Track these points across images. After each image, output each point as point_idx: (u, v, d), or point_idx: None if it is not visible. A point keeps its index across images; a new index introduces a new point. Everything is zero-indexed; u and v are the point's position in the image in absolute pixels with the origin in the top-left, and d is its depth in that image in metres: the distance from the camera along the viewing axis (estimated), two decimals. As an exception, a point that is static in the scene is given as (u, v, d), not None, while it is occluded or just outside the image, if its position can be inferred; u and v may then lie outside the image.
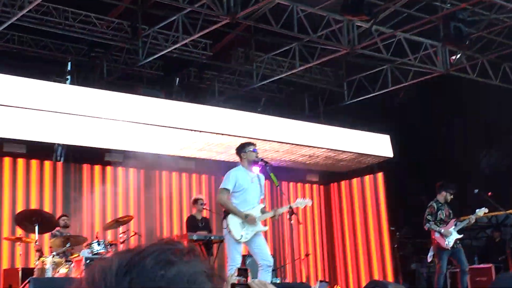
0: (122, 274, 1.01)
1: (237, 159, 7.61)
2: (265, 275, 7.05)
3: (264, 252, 7.16)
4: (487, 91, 12.22)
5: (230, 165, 7.99)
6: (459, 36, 10.31)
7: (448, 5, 10.24)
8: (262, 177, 7.39)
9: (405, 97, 13.34)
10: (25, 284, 5.52)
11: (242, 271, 2.82)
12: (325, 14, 10.37)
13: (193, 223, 9.78)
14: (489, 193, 10.00)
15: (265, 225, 7.36)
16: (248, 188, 7.18)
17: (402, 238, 12.48)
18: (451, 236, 9.01)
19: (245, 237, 7.05)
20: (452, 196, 9.23)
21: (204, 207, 9.95)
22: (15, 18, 9.27)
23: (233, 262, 7.02)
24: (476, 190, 9.86)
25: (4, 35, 10.58)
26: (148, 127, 10.46)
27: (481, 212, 9.14)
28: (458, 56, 11.87)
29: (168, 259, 1.03)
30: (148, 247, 1.06)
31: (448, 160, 12.36)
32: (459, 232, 9.12)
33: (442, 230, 9.00)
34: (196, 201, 9.99)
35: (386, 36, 11.05)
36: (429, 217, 9.12)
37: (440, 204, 9.21)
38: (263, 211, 7.26)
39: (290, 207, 7.32)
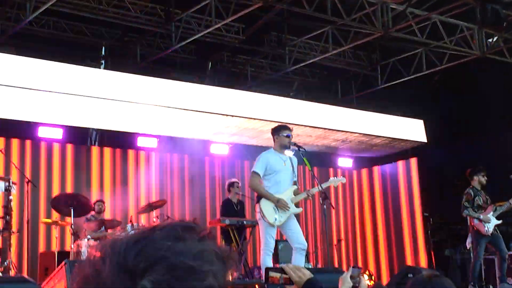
0: (131, 243, 1.04)
1: (270, 143, 7.59)
2: (299, 259, 7.04)
3: (298, 236, 7.13)
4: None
5: (263, 150, 7.97)
6: (497, 18, 10.10)
7: (486, -14, 10.03)
8: (295, 159, 7.34)
9: (440, 81, 13.15)
10: (61, 266, 5.59)
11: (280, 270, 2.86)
12: (359, -3, 10.25)
13: (229, 207, 9.81)
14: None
15: (298, 207, 7.33)
16: (280, 170, 7.15)
17: (435, 224, 12.35)
18: (490, 222, 8.89)
19: (279, 221, 7.03)
20: (485, 178, 9.09)
21: (240, 193, 9.97)
22: (50, 3, 9.33)
23: (267, 247, 7.02)
24: (512, 176, 9.69)
25: (39, 20, 10.68)
26: (181, 112, 10.49)
27: (519, 196, 9.00)
28: (495, 38, 11.64)
29: (178, 235, 1.05)
30: (160, 224, 1.09)
31: (483, 145, 12.17)
32: (498, 218, 8.98)
33: (481, 216, 8.88)
34: (232, 184, 10.00)
35: (420, 18, 10.88)
36: (466, 204, 9.00)
37: (476, 190, 9.09)
38: (296, 192, 7.22)
39: (321, 189, 7.24)
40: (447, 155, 12.69)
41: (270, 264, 7.01)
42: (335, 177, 7.87)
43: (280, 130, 7.28)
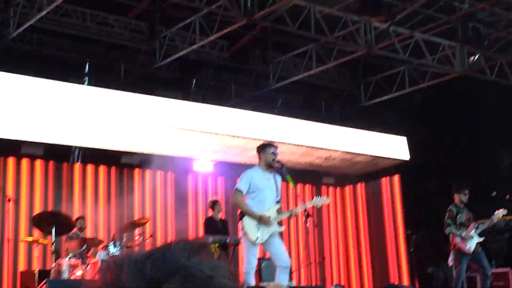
0: (146, 255, 1.04)
1: (254, 161, 7.57)
2: (282, 277, 7.00)
3: (281, 254, 7.10)
4: (505, 92, 12.10)
5: (247, 167, 7.96)
6: (478, 36, 10.22)
7: (467, 5, 10.15)
8: (279, 178, 7.32)
9: (422, 99, 13.24)
10: (42, 285, 5.52)
11: None
12: (343, 15, 10.32)
13: (211, 225, 9.76)
14: (507, 196, 9.88)
15: (281, 225, 7.29)
16: (263, 188, 7.12)
17: (418, 242, 12.37)
18: (472, 240, 8.91)
19: (261, 239, 6.99)
20: (467, 196, 9.12)
21: (221, 209, 9.93)
22: (34, 20, 9.31)
23: (249, 265, 6.97)
24: (494, 193, 9.74)
25: (22, 36, 10.63)
26: (164, 129, 10.46)
27: (500, 214, 9.03)
28: (477, 57, 11.76)
29: (194, 249, 1.06)
30: (174, 240, 1.09)
31: (466, 163, 12.25)
32: (480, 234, 9.01)
33: (464, 234, 8.90)
34: (215, 202, 9.96)
35: (403, 37, 10.98)
36: (449, 221, 9.02)
37: (459, 208, 9.12)
38: (279, 211, 7.20)
39: (304, 208, 7.24)
40: (430, 172, 12.76)
41: (252, 282, 6.96)
42: (319, 197, 7.84)
43: (265, 148, 7.26)
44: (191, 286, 1.00)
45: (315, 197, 7.97)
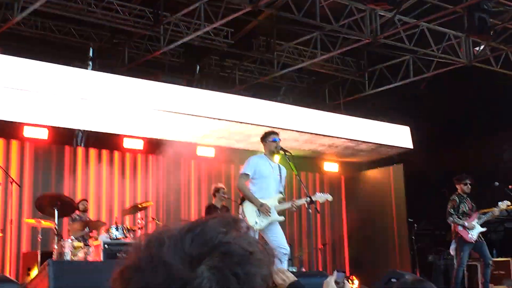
0: (185, 231, 1.03)
1: (256, 147, 7.60)
2: (283, 264, 7.04)
3: (280, 240, 7.14)
4: (510, 83, 12.07)
5: (249, 154, 7.98)
6: (483, 27, 10.19)
7: (473, -5, 10.12)
8: (284, 169, 7.35)
9: (426, 88, 13.23)
10: (44, 266, 5.57)
11: None
12: (348, 3, 10.30)
13: (213, 212, 9.78)
14: (510, 186, 9.89)
15: (281, 215, 7.32)
16: (267, 176, 7.16)
17: (420, 230, 12.40)
18: (474, 229, 8.95)
19: (259, 225, 7.03)
20: (468, 186, 9.14)
21: (225, 196, 9.93)
22: (39, 4, 9.31)
23: None
24: (497, 183, 9.75)
25: (27, 20, 10.64)
26: (168, 114, 10.48)
27: (504, 205, 9.06)
28: (482, 47, 11.73)
29: (231, 224, 1.06)
30: (209, 216, 1.09)
31: (469, 153, 12.25)
32: (482, 225, 9.04)
33: (466, 223, 8.93)
34: (217, 190, 9.96)
35: (409, 26, 10.95)
36: (451, 211, 9.05)
37: (462, 197, 9.14)
38: (280, 201, 7.23)
39: (308, 199, 7.25)
40: (433, 161, 12.77)
41: None
42: (322, 193, 7.88)
43: (267, 136, 7.30)
44: (230, 261, 1.00)
45: (317, 192, 8.00)
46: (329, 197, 7.71)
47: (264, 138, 7.30)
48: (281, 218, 7.29)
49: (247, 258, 1.01)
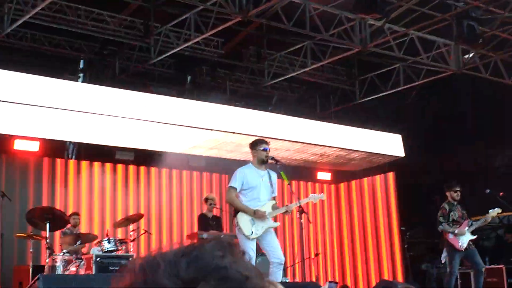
0: (180, 255, 1.01)
1: (248, 157, 7.59)
2: (276, 273, 7.04)
3: (275, 250, 7.13)
4: (500, 90, 12.13)
5: (241, 164, 7.97)
6: (472, 34, 10.23)
7: (461, 3, 10.17)
8: (274, 174, 7.33)
9: (417, 96, 13.27)
10: (35, 281, 5.53)
11: None
12: (337, 12, 10.34)
13: (204, 222, 9.78)
14: (501, 193, 9.92)
15: (276, 221, 7.33)
16: (257, 185, 7.15)
17: (412, 238, 12.41)
18: (464, 237, 8.94)
19: (255, 233, 7.03)
20: (458, 194, 9.15)
21: (215, 206, 9.94)
22: (28, 16, 9.30)
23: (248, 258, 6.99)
24: (488, 190, 9.78)
25: (17, 32, 10.62)
26: (159, 125, 10.47)
27: (495, 212, 9.07)
28: (471, 55, 11.79)
29: (227, 248, 1.04)
30: (205, 239, 1.08)
31: (460, 160, 12.28)
32: (473, 233, 9.04)
33: (456, 231, 8.94)
34: (206, 200, 9.98)
35: (398, 34, 11.00)
36: (441, 219, 9.05)
37: (452, 205, 9.15)
38: (274, 207, 7.23)
39: (300, 204, 7.27)
40: (425, 169, 12.79)
41: None
42: (315, 194, 7.91)
43: (256, 144, 7.28)
44: (227, 286, 0.98)
45: (311, 194, 8.02)
46: (323, 196, 7.79)
47: (254, 146, 7.29)
48: (276, 224, 7.32)
49: (243, 283, 0.99)
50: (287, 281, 9.48)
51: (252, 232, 7.01)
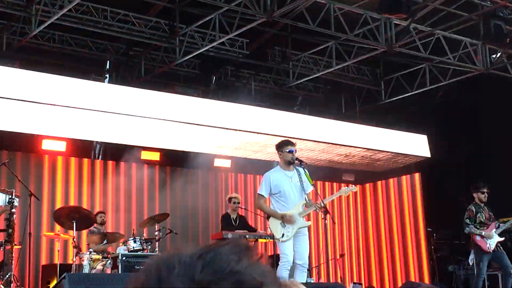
0: (196, 256, 1.00)
1: (272, 157, 7.61)
2: (300, 276, 7.04)
3: (301, 253, 7.14)
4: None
5: (266, 164, 8.00)
6: (500, 34, 10.13)
7: (488, 2, 10.07)
8: (302, 171, 7.29)
9: (443, 97, 13.16)
10: (61, 280, 5.60)
11: None
12: (362, 13, 10.29)
13: (227, 221, 9.80)
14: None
15: (308, 220, 7.35)
16: (286, 188, 7.14)
17: (439, 240, 12.30)
18: (492, 239, 8.86)
19: (286, 236, 7.05)
20: (485, 195, 9.06)
21: (239, 206, 9.95)
22: (56, 18, 9.41)
23: (285, 258, 7.04)
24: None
25: (44, 34, 10.76)
26: (184, 126, 10.52)
27: (523, 214, 8.98)
28: (498, 54, 11.66)
29: (243, 252, 1.03)
30: (221, 241, 1.07)
31: (487, 161, 12.15)
32: (501, 234, 8.95)
33: (483, 233, 8.85)
34: (230, 199, 10.00)
35: (424, 34, 10.92)
36: (467, 221, 8.98)
37: (479, 207, 9.06)
38: (308, 204, 7.22)
39: (332, 199, 7.24)
40: (451, 170, 12.68)
41: (286, 276, 7.00)
42: (346, 187, 7.92)
43: (283, 146, 7.27)
44: None
45: (342, 187, 8.02)
46: (354, 188, 7.90)
47: (280, 147, 7.29)
48: (308, 223, 7.33)
49: None
50: (312, 281, 9.47)
51: (284, 235, 7.05)
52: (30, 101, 9.18)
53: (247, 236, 9.32)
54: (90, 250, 8.49)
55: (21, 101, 9.11)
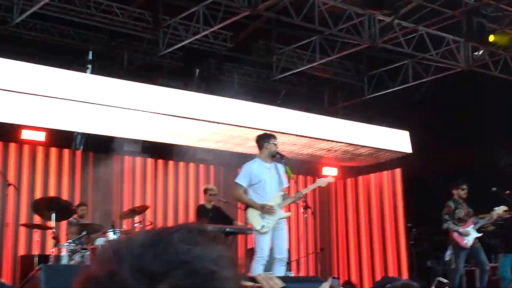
0: (147, 246, 0.99)
1: (254, 151, 7.60)
2: (279, 269, 7.06)
3: (280, 247, 7.16)
4: (509, 88, 12.07)
5: (248, 157, 7.99)
6: (482, 31, 10.19)
7: (472, 0, 10.12)
8: (281, 166, 7.33)
9: (425, 93, 13.23)
10: (36, 271, 5.56)
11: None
12: (347, 8, 10.31)
13: (203, 213, 9.76)
14: (507, 191, 9.89)
15: (287, 212, 7.33)
16: (265, 179, 7.16)
17: (418, 235, 12.39)
18: (470, 235, 8.94)
19: (267, 227, 7.04)
20: (464, 192, 9.14)
21: (218, 198, 9.90)
22: (38, 7, 9.33)
23: (258, 255, 7.02)
24: (494, 188, 9.75)
25: (26, 23, 10.65)
26: (166, 118, 10.48)
27: (500, 210, 9.06)
28: (481, 52, 11.74)
29: (195, 238, 1.01)
30: (174, 226, 1.05)
31: (467, 158, 12.23)
32: (478, 230, 9.03)
33: (461, 229, 8.93)
34: (206, 191, 9.95)
35: (408, 30, 10.97)
36: (446, 217, 9.05)
37: (458, 203, 9.14)
38: (284, 197, 7.23)
39: (309, 190, 7.26)
40: (432, 166, 12.75)
41: (260, 270, 6.99)
42: (322, 178, 7.95)
43: (269, 138, 7.30)
44: (193, 280, 0.96)
45: (318, 179, 8.03)
46: (331, 179, 7.92)
47: (266, 139, 7.29)
48: (287, 214, 7.31)
49: (211, 277, 0.98)
50: (292, 275, 9.49)
51: (263, 226, 7.03)
52: (10, 91, 9.08)
53: (226, 229, 9.29)
54: (69, 241, 8.43)
55: (1, 90, 9.01)
